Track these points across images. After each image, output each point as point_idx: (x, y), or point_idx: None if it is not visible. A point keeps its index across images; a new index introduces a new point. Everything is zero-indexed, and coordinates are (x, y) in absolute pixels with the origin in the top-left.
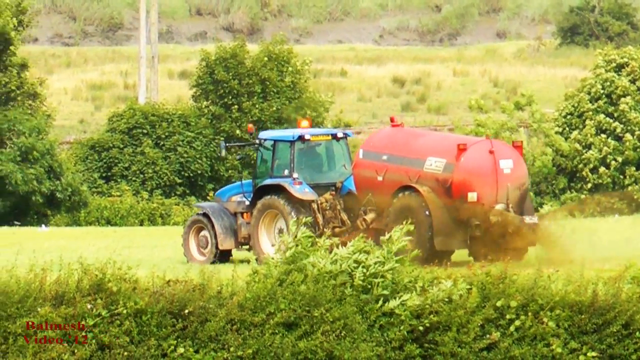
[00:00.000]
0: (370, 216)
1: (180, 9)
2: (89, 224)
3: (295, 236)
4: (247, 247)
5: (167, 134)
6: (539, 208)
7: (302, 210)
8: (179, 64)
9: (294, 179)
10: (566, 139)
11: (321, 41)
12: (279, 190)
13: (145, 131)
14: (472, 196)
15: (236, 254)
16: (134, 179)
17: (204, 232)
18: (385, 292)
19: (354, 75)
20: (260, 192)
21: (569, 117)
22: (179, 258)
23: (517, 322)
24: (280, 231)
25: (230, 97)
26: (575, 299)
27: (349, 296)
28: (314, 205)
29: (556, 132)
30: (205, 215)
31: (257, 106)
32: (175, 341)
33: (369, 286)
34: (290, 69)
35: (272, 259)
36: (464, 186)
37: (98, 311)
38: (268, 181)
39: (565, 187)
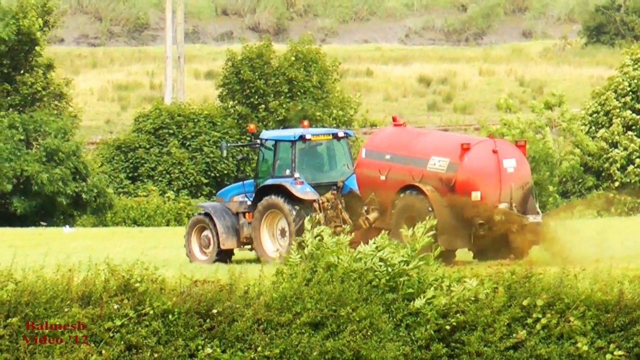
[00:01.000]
0: (373, 215)
1: (206, 9)
2: (116, 225)
3: (313, 233)
4: (249, 246)
5: (193, 134)
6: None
7: (303, 210)
8: (205, 64)
9: (296, 178)
10: (592, 137)
11: (347, 41)
12: (280, 190)
13: (171, 131)
14: (475, 195)
15: (238, 253)
16: (160, 179)
17: (206, 232)
18: (410, 290)
19: (380, 75)
20: (261, 192)
21: (595, 115)
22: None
23: (544, 321)
24: (282, 231)
25: (256, 97)
26: (601, 297)
27: (375, 295)
28: (316, 205)
29: (582, 131)
30: (207, 215)
31: (283, 106)
32: (203, 341)
33: (395, 285)
34: (317, 68)
35: (292, 257)
36: (468, 185)
37: (125, 311)
38: (270, 181)
39: (592, 185)
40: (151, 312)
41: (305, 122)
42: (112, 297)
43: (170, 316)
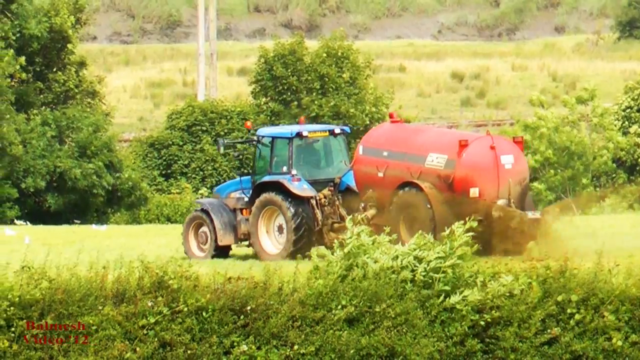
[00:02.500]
0: (371, 212)
1: (239, 6)
2: (149, 222)
3: (353, 232)
4: (247, 243)
5: (226, 130)
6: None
7: (300, 206)
8: (237, 61)
9: (293, 175)
10: (624, 133)
11: (380, 37)
12: (277, 187)
13: (204, 128)
14: (474, 192)
15: (236, 249)
16: (193, 176)
17: (204, 228)
18: (446, 287)
19: (412, 71)
20: (259, 188)
21: (628, 110)
22: (240, 254)
23: (578, 317)
24: (280, 228)
25: (289, 94)
26: (635, 292)
27: (410, 292)
28: (313, 202)
29: (616, 126)
30: (204, 211)
31: (315, 102)
32: (238, 338)
33: (430, 281)
34: (349, 64)
35: (332, 254)
36: (466, 182)
37: (159, 309)
38: (267, 178)
39: (625, 181)
40: (185, 309)
41: (302, 119)
42: (146, 295)
43: (204, 313)
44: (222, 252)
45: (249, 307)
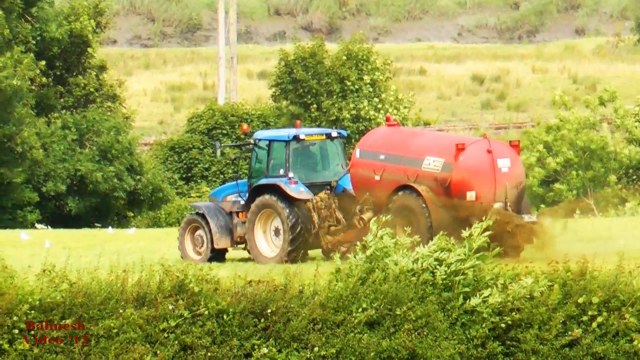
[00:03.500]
0: (367, 215)
1: (259, 9)
2: (170, 225)
3: (376, 235)
4: (243, 246)
5: (246, 134)
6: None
7: (297, 209)
8: (258, 64)
9: (290, 178)
10: None
11: (400, 40)
12: (274, 189)
13: (224, 132)
14: (470, 195)
15: (232, 253)
16: (213, 179)
17: (200, 232)
18: (466, 289)
19: (433, 74)
20: (255, 191)
21: None
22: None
23: (599, 319)
24: (276, 230)
25: (309, 97)
26: None
27: (430, 294)
28: (310, 205)
29: (637, 127)
30: (201, 214)
31: (336, 105)
32: (258, 341)
33: (450, 284)
34: (370, 67)
35: (354, 257)
36: (463, 185)
37: (180, 312)
38: (263, 181)
39: None
40: (206, 312)
41: (298, 122)
42: (167, 298)
43: (225, 316)
44: (218, 255)
45: (269, 310)
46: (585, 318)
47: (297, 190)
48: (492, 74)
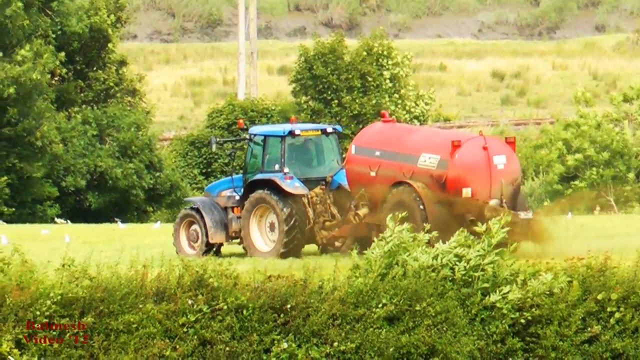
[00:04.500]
0: (363, 211)
1: (279, 5)
2: None
3: (393, 230)
4: (238, 241)
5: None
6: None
7: (292, 204)
8: (278, 59)
9: (285, 173)
10: None
11: (420, 36)
12: (269, 184)
13: (245, 127)
14: (466, 192)
15: (227, 247)
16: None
17: (195, 226)
18: (486, 285)
19: (453, 70)
20: (251, 186)
21: None
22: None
23: (618, 315)
24: (272, 225)
25: (329, 92)
26: None
27: (450, 290)
28: (305, 200)
29: None
30: (196, 209)
31: (357, 101)
32: (278, 336)
33: (470, 280)
34: (390, 62)
35: (372, 253)
36: (459, 182)
37: (199, 307)
38: (259, 176)
39: None
40: (225, 307)
41: (293, 118)
42: (186, 293)
43: (244, 311)
44: (212, 250)
45: (289, 305)
46: (604, 314)
47: (293, 186)
48: (512, 71)
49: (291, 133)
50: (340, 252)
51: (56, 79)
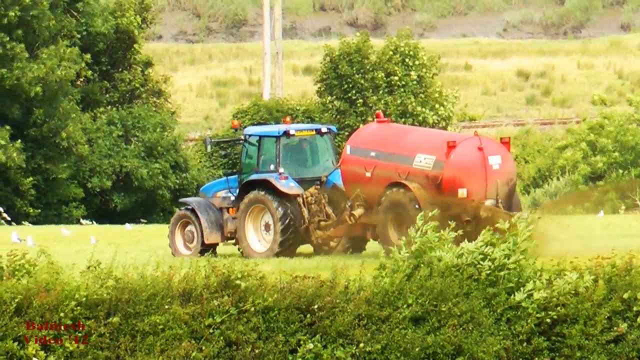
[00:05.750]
0: (358, 211)
1: (304, 5)
2: None
3: (420, 230)
4: (233, 241)
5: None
6: None
7: (287, 204)
8: (303, 59)
9: (280, 173)
10: None
11: (445, 35)
12: (265, 185)
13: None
14: (462, 192)
15: (222, 248)
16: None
17: (190, 227)
18: (511, 284)
19: (478, 69)
20: (246, 187)
21: None
22: (306, 253)
23: None
24: (267, 225)
25: (354, 92)
26: None
27: (475, 290)
28: (300, 200)
29: None
30: (191, 210)
31: (382, 100)
32: (304, 337)
33: (495, 279)
34: (417, 62)
35: (400, 253)
36: (454, 182)
37: (225, 308)
38: (254, 176)
39: None
40: (252, 308)
41: (288, 119)
42: (213, 294)
43: (270, 312)
44: (208, 250)
45: (315, 306)
46: (630, 314)
47: (288, 186)
48: (537, 70)
49: (286, 133)
50: (335, 252)
51: (82, 79)
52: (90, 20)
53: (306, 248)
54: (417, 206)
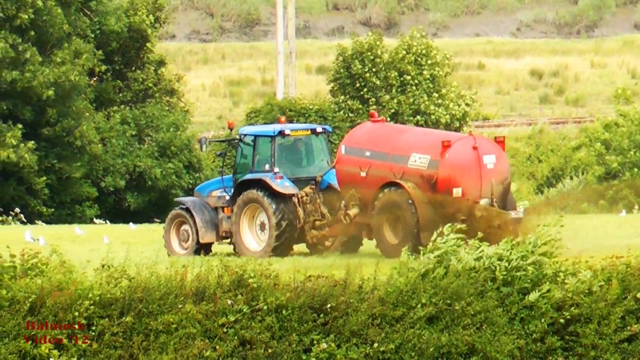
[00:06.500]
0: (353, 211)
1: (317, 4)
2: None
3: (443, 237)
4: (228, 241)
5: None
6: None
7: (283, 204)
8: (316, 59)
9: (275, 173)
10: None
11: (458, 35)
12: (260, 184)
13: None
14: (457, 192)
15: (217, 247)
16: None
17: (185, 226)
18: (526, 285)
19: (491, 69)
20: (241, 186)
21: None
22: (318, 252)
23: None
24: (262, 225)
25: (367, 91)
26: None
27: (490, 290)
28: (295, 199)
29: None
30: (186, 209)
31: (395, 99)
32: (317, 336)
33: (510, 279)
34: (429, 62)
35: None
36: (449, 182)
37: (239, 307)
38: (249, 176)
39: None
40: (265, 307)
41: (283, 118)
42: (226, 293)
43: (284, 311)
44: (203, 250)
45: (329, 305)
46: None
47: (283, 185)
48: (550, 69)
49: (281, 133)
50: (329, 252)
51: (95, 78)
52: (103, 18)
53: (305, 248)
54: (412, 206)
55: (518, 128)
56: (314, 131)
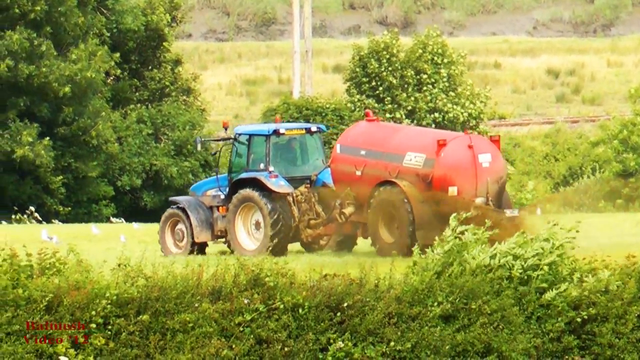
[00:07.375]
0: (348, 210)
1: (334, 3)
2: None
3: (455, 230)
4: (223, 240)
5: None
6: None
7: (277, 203)
8: (332, 58)
9: (270, 172)
10: None
11: (475, 34)
12: (255, 183)
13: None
14: (452, 190)
15: (212, 246)
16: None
17: (180, 226)
18: (544, 284)
19: (507, 68)
20: (236, 185)
21: None
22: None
23: None
24: (257, 224)
25: (383, 90)
26: None
27: (506, 288)
28: (290, 198)
29: None
30: (181, 208)
31: (411, 97)
32: (334, 335)
33: (527, 278)
34: (446, 60)
35: (432, 252)
36: (445, 181)
37: (255, 306)
38: (244, 175)
39: None
40: (281, 306)
41: (278, 117)
42: (242, 292)
43: (300, 310)
44: (198, 249)
45: (345, 304)
46: None
47: (278, 184)
48: (567, 68)
49: (276, 132)
50: (323, 250)
51: (111, 78)
52: (120, 17)
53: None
54: (407, 205)
55: (534, 127)
56: (308, 130)
